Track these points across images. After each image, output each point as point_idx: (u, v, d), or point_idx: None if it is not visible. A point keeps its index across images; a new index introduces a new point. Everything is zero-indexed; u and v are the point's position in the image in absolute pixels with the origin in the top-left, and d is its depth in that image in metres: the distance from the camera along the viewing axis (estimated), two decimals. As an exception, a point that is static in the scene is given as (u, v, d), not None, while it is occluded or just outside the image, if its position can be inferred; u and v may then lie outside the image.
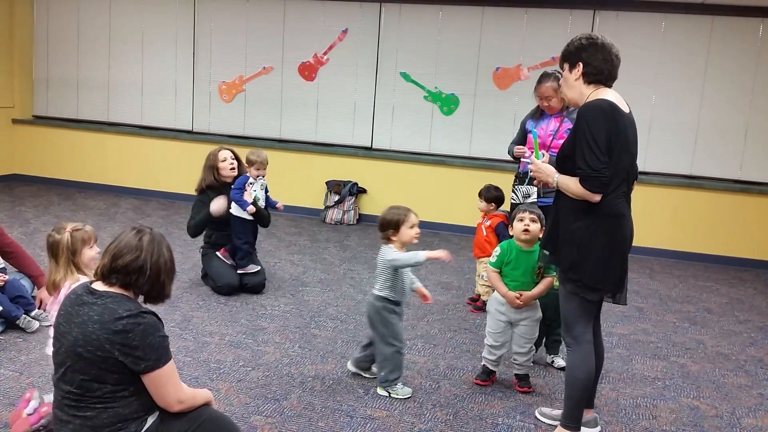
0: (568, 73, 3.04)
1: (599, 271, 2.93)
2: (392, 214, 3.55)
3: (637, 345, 4.57)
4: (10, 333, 4.02)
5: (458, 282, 5.74)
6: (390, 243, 3.56)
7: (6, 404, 3.24)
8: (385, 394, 3.55)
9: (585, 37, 3.01)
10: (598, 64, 2.96)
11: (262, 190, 5.12)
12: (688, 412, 3.62)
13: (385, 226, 3.55)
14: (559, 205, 3.07)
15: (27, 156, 8.89)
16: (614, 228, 2.94)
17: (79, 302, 2.36)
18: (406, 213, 3.55)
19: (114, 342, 2.24)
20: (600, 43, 2.97)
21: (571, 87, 3.05)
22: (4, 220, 6.59)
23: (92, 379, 2.27)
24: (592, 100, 2.93)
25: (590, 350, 3.05)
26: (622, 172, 2.91)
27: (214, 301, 4.87)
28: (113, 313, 2.28)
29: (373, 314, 3.58)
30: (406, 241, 3.56)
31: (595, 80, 2.98)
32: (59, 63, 8.70)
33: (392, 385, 3.56)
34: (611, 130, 2.84)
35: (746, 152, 6.95)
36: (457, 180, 7.53)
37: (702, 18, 6.85)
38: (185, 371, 3.68)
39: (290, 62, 7.91)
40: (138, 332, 2.26)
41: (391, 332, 3.55)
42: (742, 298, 5.85)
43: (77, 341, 2.27)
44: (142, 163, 8.50)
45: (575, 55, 3.00)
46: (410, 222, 3.54)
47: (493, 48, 7.37)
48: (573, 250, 2.95)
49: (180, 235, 6.64)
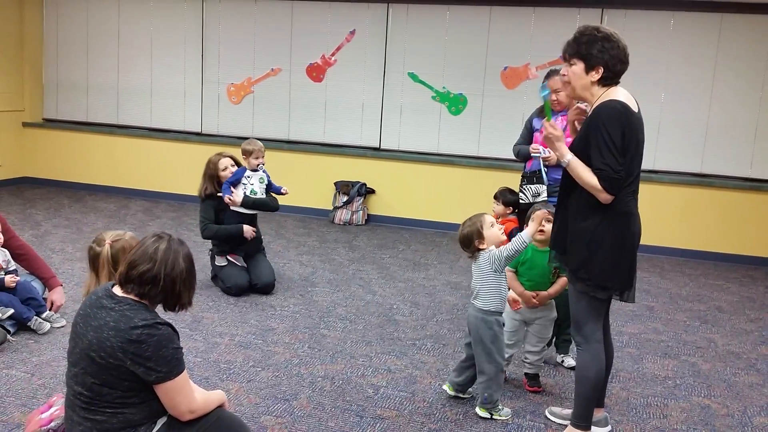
0: (582, 73, 2.93)
1: (609, 270, 2.93)
2: (467, 227, 3.37)
3: (647, 344, 4.55)
4: (21, 335, 4.05)
5: (467, 282, 5.73)
6: (481, 251, 3.37)
7: (18, 405, 3.26)
8: (487, 416, 3.37)
9: (603, 35, 2.88)
10: (619, 69, 2.90)
11: (261, 183, 5.13)
12: (699, 411, 3.60)
13: (468, 241, 3.37)
14: (567, 205, 3.05)
15: (37, 159, 8.95)
16: (623, 226, 2.94)
17: (98, 305, 2.35)
18: (479, 217, 3.39)
19: (127, 351, 2.24)
20: (620, 45, 2.89)
21: (585, 88, 2.96)
22: (15, 223, 6.63)
23: (103, 384, 2.28)
24: (606, 101, 2.88)
25: (600, 349, 3.05)
26: (630, 174, 2.91)
27: (224, 301, 4.89)
28: (129, 321, 2.27)
29: (484, 330, 3.34)
30: (494, 240, 3.37)
31: (609, 83, 2.94)
32: (69, 66, 8.75)
33: (496, 406, 3.38)
34: (626, 132, 2.83)
35: (756, 150, 6.90)
36: (466, 180, 7.52)
37: (711, 15, 6.82)
38: (196, 372, 3.69)
39: (298, 64, 7.93)
40: (152, 343, 2.25)
41: (498, 348, 3.36)
42: (753, 297, 5.82)
43: (91, 345, 2.28)
44: (152, 166, 8.54)
45: (595, 57, 2.88)
46: (488, 222, 3.37)
47: (500, 47, 7.35)
48: (583, 249, 2.95)
49: (190, 236, 6.67)
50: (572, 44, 2.95)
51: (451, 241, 7.12)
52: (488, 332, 3.33)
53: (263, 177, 5.16)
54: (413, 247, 6.84)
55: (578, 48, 2.93)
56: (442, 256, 6.54)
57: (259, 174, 5.14)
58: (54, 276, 4.42)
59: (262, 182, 5.15)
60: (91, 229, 6.72)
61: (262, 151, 5.11)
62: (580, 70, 2.94)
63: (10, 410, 3.21)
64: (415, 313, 4.90)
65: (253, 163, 5.09)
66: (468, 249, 3.39)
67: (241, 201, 5.05)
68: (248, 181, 5.10)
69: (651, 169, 7.00)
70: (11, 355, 3.79)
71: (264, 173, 5.18)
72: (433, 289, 5.49)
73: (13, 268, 4.22)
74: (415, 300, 5.17)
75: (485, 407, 3.37)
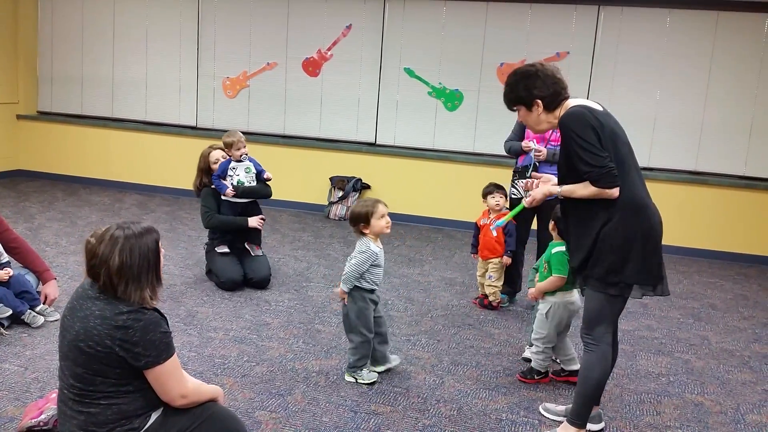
0: (529, 114, 3.01)
1: (638, 268, 2.90)
2: (361, 207, 3.61)
3: (641, 341, 4.56)
4: (15, 328, 4.04)
5: (462, 278, 5.73)
6: (363, 236, 3.62)
7: (11, 399, 3.25)
8: (351, 380, 3.66)
9: (521, 75, 2.98)
10: (554, 90, 2.95)
11: (248, 173, 5.14)
12: (692, 408, 3.62)
13: (355, 220, 3.61)
14: (571, 221, 3.03)
15: (31, 152, 8.91)
16: (640, 220, 2.90)
17: (84, 296, 2.36)
18: (374, 204, 3.60)
19: (114, 337, 2.25)
20: (539, 73, 2.95)
21: (539, 123, 3.03)
22: (9, 216, 6.61)
23: (95, 374, 2.28)
24: (565, 112, 2.93)
25: (608, 351, 3.04)
26: (623, 163, 2.89)
27: (219, 296, 4.88)
28: (114, 308, 2.28)
29: (350, 304, 3.64)
30: (377, 231, 3.60)
31: (556, 103, 2.97)
32: (63, 59, 8.71)
33: (359, 371, 3.67)
34: (596, 126, 2.84)
35: (751, 148, 6.92)
36: (461, 176, 7.52)
37: (707, 13, 6.82)
38: (190, 366, 3.69)
39: (294, 58, 7.91)
40: (138, 328, 2.26)
41: (364, 322, 3.63)
42: (746, 295, 5.84)
43: (78, 336, 2.28)
44: (147, 159, 8.51)
45: (526, 98, 2.97)
46: (379, 213, 3.58)
47: (497, 43, 7.35)
48: (608, 255, 2.90)
49: (185, 230, 6.66)
50: (505, 98, 3.08)
51: (446, 237, 7.13)
52: (354, 306, 3.61)
53: (249, 166, 5.16)
54: (408, 243, 6.84)
55: (510, 97, 3.05)
56: (437, 252, 6.55)
57: (244, 164, 5.13)
58: (48, 269, 4.40)
59: (249, 171, 5.14)
60: (85, 222, 6.70)
61: (242, 142, 5.12)
62: (524, 113, 3.05)
63: (3, 404, 3.20)
64: (409, 308, 4.91)
65: (236, 155, 5.09)
66: (353, 227, 3.64)
67: (232, 191, 5.09)
68: (234, 173, 5.12)
69: (646, 167, 7.00)
70: (5, 349, 3.78)
71: (250, 161, 5.18)
72: (428, 285, 5.49)
73: (6, 260, 4.20)
74: (410, 296, 5.18)
75: (348, 371, 3.69)
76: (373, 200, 3.64)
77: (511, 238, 4.85)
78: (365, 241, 3.61)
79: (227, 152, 5.15)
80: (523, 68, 3.01)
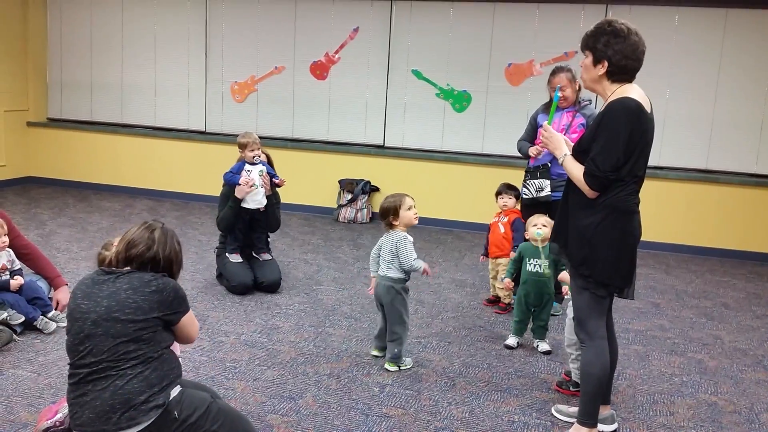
0: (591, 67, 2.96)
1: (609, 267, 2.93)
2: (389, 201, 3.85)
3: (653, 341, 4.54)
4: (27, 334, 4.06)
5: (473, 279, 5.72)
6: (394, 228, 3.84)
7: (25, 405, 3.26)
8: (395, 369, 3.81)
9: (612, 30, 2.87)
10: (624, 64, 2.89)
11: (261, 175, 5.05)
12: (705, 408, 3.59)
13: (385, 213, 3.86)
14: (570, 201, 3.06)
15: (42, 158, 8.96)
16: (624, 224, 2.93)
17: (98, 281, 2.51)
18: (401, 197, 3.83)
19: (152, 301, 2.46)
20: (628, 40, 2.87)
21: (593, 80, 2.99)
22: (20, 223, 6.64)
23: (130, 340, 2.41)
24: (620, 98, 2.87)
25: (604, 346, 3.04)
26: (636, 174, 2.90)
27: (229, 300, 4.89)
28: (141, 279, 2.50)
29: (394, 295, 3.81)
30: (407, 222, 3.85)
31: (620, 79, 2.94)
32: (73, 66, 8.76)
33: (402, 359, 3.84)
34: (634, 131, 2.82)
35: (762, 145, 6.87)
36: (470, 177, 7.51)
37: (716, 11, 6.79)
38: (201, 371, 3.69)
39: (302, 61, 7.92)
40: (170, 289, 2.52)
41: (407, 311, 3.87)
42: (759, 293, 5.80)
43: (111, 309, 2.42)
44: (156, 164, 8.54)
45: (600, 51, 2.90)
46: (407, 204, 3.82)
47: (504, 44, 7.33)
48: (584, 246, 2.94)
49: (195, 235, 6.68)
50: (584, 37, 2.99)
51: (456, 239, 7.11)
52: (398, 297, 3.81)
53: (263, 170, 5.10)
54: (417, 245, 6.77)
55: (587, 40, 2.97)
56: (447, 254, 6.53)
57: (258, 167, 5.08)
58: (59, 275, 4.42)
59: (262, 174, 5.09)
60: (96, 228, 6.73)
61: (257, 144, 5.06)
62: (589, 63, 2.98)
63: (17, 410, 3.21)
64: (420, 311, 4.90)
65: (249, 156, 5.04)
66: (383, 220, 3.89)
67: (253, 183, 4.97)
68: (248, 176, 5.02)
69: (656, 165, 6.98)
70: (17, 355, 3.80)
71: (264, 165, 5.13)
72: (438, 286, 5.48)
73: (18, 267, 4.22)
74: (420, 298, 5.17)
75: (393, 361, 3.82)
76: (399, 194, 3.87)
77: (518, 234, 4.83)
78: (396, 232, 3.82)
79: (241, 153, 5.12)
80: (620, 25, 2.90)
